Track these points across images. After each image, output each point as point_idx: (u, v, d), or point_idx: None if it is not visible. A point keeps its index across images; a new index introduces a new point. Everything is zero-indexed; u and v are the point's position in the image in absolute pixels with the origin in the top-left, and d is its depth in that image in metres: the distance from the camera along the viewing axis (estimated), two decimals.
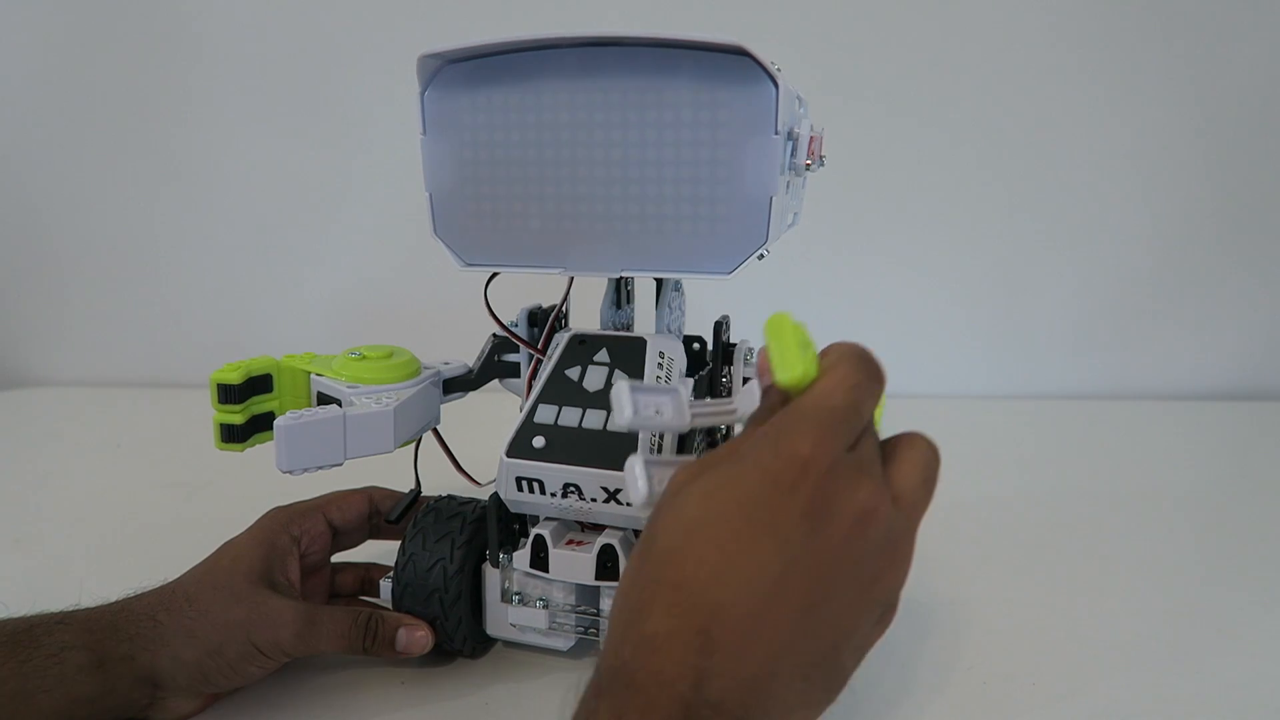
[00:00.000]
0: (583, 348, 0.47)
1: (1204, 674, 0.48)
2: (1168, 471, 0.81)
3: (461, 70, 0.43)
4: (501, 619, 0.47)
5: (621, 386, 0.34)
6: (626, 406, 0.34)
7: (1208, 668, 0.49)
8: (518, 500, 0.44)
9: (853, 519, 0.29)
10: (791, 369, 0.33)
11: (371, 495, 0.52)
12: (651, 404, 0.36)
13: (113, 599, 0.44)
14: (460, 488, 0.53)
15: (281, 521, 0.48)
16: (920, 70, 0.97)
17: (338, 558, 0.52)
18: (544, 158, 0.43)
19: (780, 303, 1.13)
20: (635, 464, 0.34)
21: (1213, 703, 0.46)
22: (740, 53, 0.39)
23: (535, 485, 0.43)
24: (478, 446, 0.54)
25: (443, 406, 0.53)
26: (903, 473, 0.32)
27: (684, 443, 0.46)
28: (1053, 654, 0.50)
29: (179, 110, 1.03)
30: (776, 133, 0.40)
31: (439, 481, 0.53)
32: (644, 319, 0.51)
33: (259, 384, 0.49)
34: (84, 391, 1.10)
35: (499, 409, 0.59)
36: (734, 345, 0.50)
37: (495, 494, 0.45)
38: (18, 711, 0.38)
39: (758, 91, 0.40)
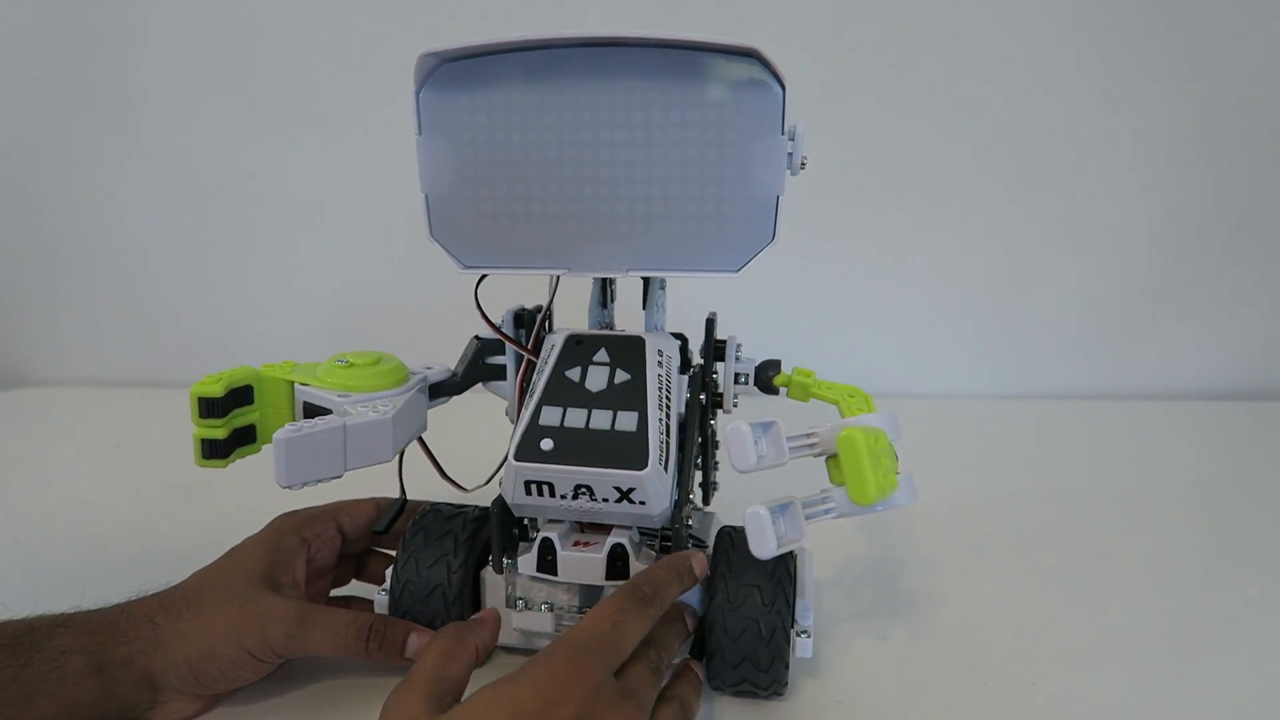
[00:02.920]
0: (580, 348, 0.46)
1: (1204, 674, 0.49)
2: (1168, 471, 0.81)
3: (459, 70, 0.43)
4: (505, 625, 0.47)
5: (740, 426, 0.35)
6: (750, 451, 0.35)
7: (1208, 668, 0.49)
8: (524, 504, 0.44)
9: None
10: (866, 494, 0.36)
11: (379, 504, 0.52)
12: (761, 442, 0.37)
13: (112, 600, 0.44)
14: (447, 495, 0.52)
15: (293, 524, 0.48)
16: (920, 69, 0.97)
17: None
18: (547, 158, 0.43)
19: (781, 301, 1.12)
20: (761, 511, 0.36)
21: (1213, 703, 0.46)
22: (751, 55, 0.39)
23: (545, 488, 0.42)
24: (460, 450, 0.53)
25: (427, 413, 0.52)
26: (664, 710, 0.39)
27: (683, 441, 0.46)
28: (1053, 654, 0.50)
29: (179, 111, 1.02)
30: (784, 133, 0.40)
31: (424, 491, 0.52)
32: (621, 317, 0.51)
33: (240, 396, 0.46)
34: (84, 391, 1.10)
35: (479, 412, 0.59)
36: (723, 341, 0.50)
37: (499, 498, 0.45)
38: (18, 715, 0.38)
39: (765, 93, 0.40)
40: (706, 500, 0.54)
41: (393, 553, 0.49)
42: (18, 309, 1.12)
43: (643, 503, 0.41)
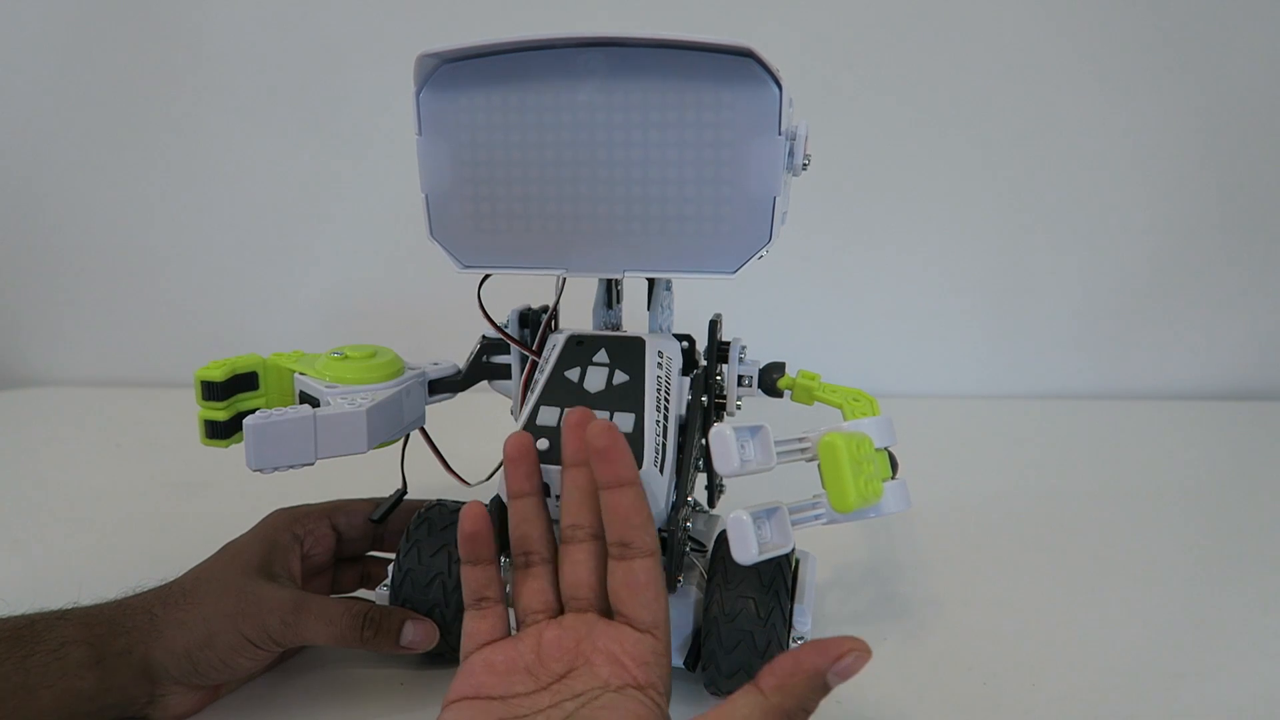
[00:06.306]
0: (580, 349, 0.46)
1: (1204, 674, 0.49)
2: (1168, 471, 0.81)
3: (459, 70, 0.43)
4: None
5: (723, 429, 0.34)
6: (734, 455, 0.34)
7: (1208, 668, 0.49)
8: None
9: None
10: (845, 501, 0.35)
11: (378, 504, 0.52)
12: (749, 446, 0.36)
13: (110, 597, 0.44)
14: (450, 487, 0.52)
15: (285, 521, 0.48)
16: (923, 68, 0.97)
17: None
18: (544, 159, 0.43)
19: (781, 301, 1.12)
20: (743, 516, 0.34)
21: (1213, 703, 0.46)
22: (747, 54, 0.39)
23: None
24: (467, 446, 0.54)
25: (433, 407, 0.52)
26: None
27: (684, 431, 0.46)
28: (1053, 654, 0.50)
29: (179, 111, 1.03)
30: (780, 134, 0.40)
31: (429, 481, 0.53)
32: (627, 319, 0.51)
33: (244, 381, 0.49)
34: (84, 391, 1.10)
35: (488, 409, 0.59)
36: (728, 344, 0.50)
37: (496, 498, 0.45)
38: (20, 706, 0.38)
39: (762, 93, 0.40)
40: (712, 503, 0.54)
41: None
42: (18, 309, 1.12)
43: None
